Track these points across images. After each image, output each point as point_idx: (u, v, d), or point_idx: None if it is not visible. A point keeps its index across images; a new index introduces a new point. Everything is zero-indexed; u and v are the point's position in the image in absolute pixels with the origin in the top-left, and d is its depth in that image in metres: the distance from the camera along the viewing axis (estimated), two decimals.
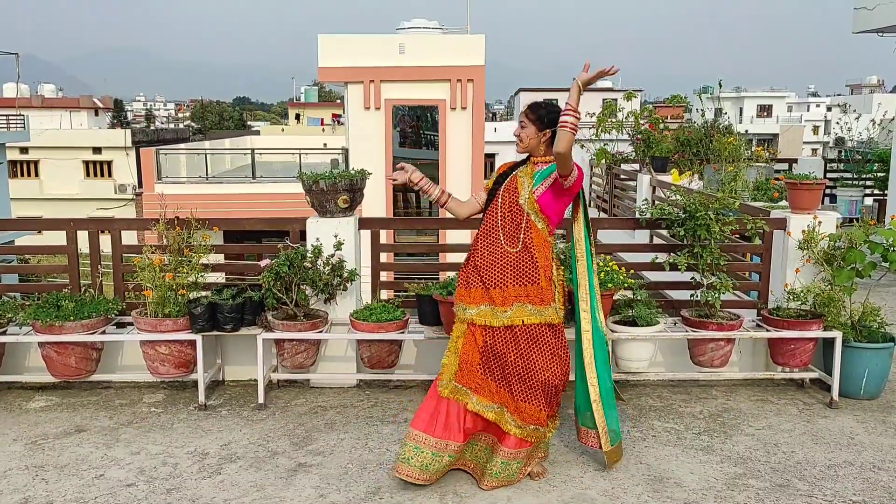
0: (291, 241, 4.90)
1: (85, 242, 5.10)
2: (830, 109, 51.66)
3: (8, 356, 4.86)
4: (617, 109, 11.14)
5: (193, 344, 4.55)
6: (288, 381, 4.99)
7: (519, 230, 3.54)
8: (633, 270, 4.91)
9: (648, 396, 4.77)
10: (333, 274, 4.74)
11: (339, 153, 19.61)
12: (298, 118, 54.31)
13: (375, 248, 5.15)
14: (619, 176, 12.42)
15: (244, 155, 22.75)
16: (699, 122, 10.30)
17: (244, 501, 3.46)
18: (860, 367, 4.65)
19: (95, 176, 35.08)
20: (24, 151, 32.46)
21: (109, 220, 5.38)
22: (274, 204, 16.75)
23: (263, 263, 4.66)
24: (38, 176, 34.40)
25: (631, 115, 11.03)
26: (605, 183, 13.10)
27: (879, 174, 12.96)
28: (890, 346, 4.72)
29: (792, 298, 4.85)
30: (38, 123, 32.79)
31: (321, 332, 4.65)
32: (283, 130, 42.70)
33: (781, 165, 13.10)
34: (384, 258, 5.37)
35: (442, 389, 3.50)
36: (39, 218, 6.13)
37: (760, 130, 45.29)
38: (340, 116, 39.97)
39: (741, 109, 57.76)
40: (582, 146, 12.42)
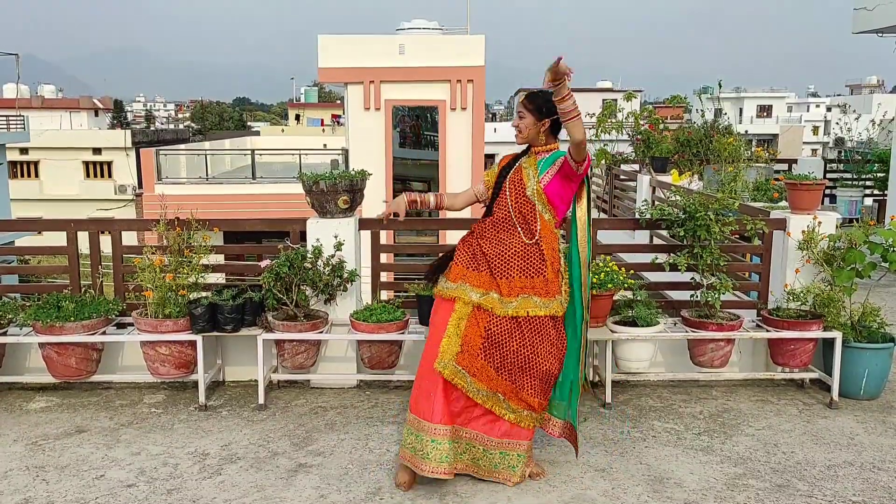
0: (291, 241, 4.90)
1: (85, 243, 5.10)
2: (830, 110, 51.64)
3: (8, 357, 4.87)
4: (617, 110, 11.11)
5: (194, 344, 4.55)
6: (288, 381, 4.99)
7: (527, 222, 3.55)
8: (632, 271, 4.92)
9: (648, 397, 4.77)
10: (333, 274, 4.74)
11: (339, 154, 19.62)
12: (298, 119, 54.31)
13: (375, 248, 5.15)
14: (618, 176, 12.41)
15: (244, 155, 22.76)
16: (699, 122, 10.28)
17: (245, 502, 3.47)
18: (860, 367, 4.66)
19: (95, 176, 35.09)
20: (24, 152, 32.48)
21: (110, 220, 5.38)
22: (274, 204, 16.77)
23: (263, 264, 4.67)
24: (38, 177, 34.41)
25: (631, 115, 11.01)
26: (604, 183, 13.10)
27: (879, 174, 12.96)
28: (890, 346, 4.72)
29: (792, 299, 4.86)
30: (38, 124, 32.78)
31: (321, 332, 4.66)
32: (283, 131, 42.70)
33: (781, 166, 13.09)
34: (384, 259, 5.38)
35: (442, 369, 3.44)
36: (39, 219, 6.13)
37: (760, 131, 45.26)
38: (340, 117, 39.96)
39: (741, 110, 57.77)
40: None
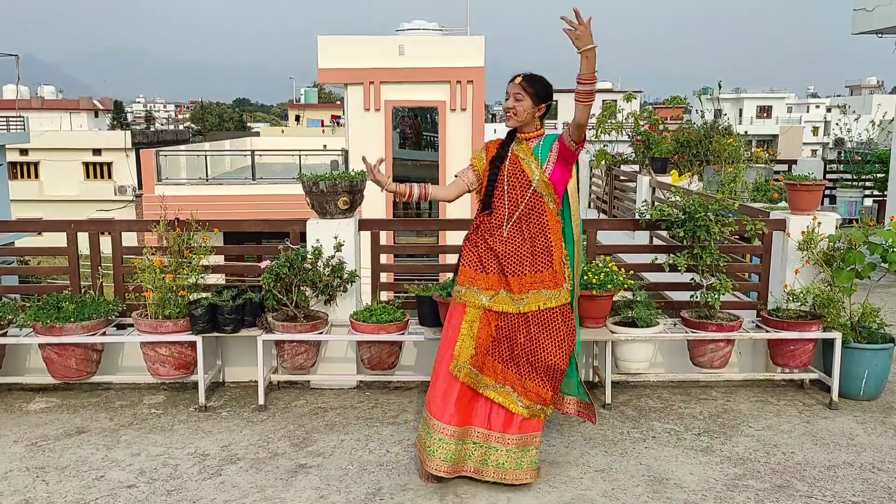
0: (291, 242, 4.90)
1: (85, 244, 5.10)
2: (830, 110, 51.65)
3: (8, 358, 4.87)
4: (616, 111, 11.13)
5: (194, 345, 4.56)
6: (288, 382, 4.99)
7: (538, 215, 3.54)
8: (632, 271, 4.92)
9: (648, 397, 4.78)
10: (333, 275, 4.74)
11: (338, 154, 19.62)
12: (298, 119, 54.28)
13: (375, 249, 5.16)
14: (618, 177, 12.42)
15: (244, 156, 22.76)
16: (699, 123, 10.29)
17: (245, 502, 3.47)
18: (860, 367, 4.66)
19: (95, 177, 35.09)
20: (24, 153, 32.49)
21: (110, 221, 5.38)
22: (274, 205, 16.76)
23: (263, 265, 4.67)
24: (38, 177, 34.40)
25: (630, 116, 11.02)
26: (604, 184, 13.10)
27: (879, 175, 12.95)
28: (889, 346, 4.72)
29: (791, 299, 4.86)
30: (37, 125, 32.75)
31: (321, 333, 4.66)
32: (282, 132, 42.66)
33: (781, 166, 13.08)
34: (384, 259, 5.38)
35: (457, 373, 3.47)
36: (39, 219, 6.12)
37: (760, 131, 45.28)
38: (340, 118, 39.95)
39: (741, 110, 57.77)
40: None
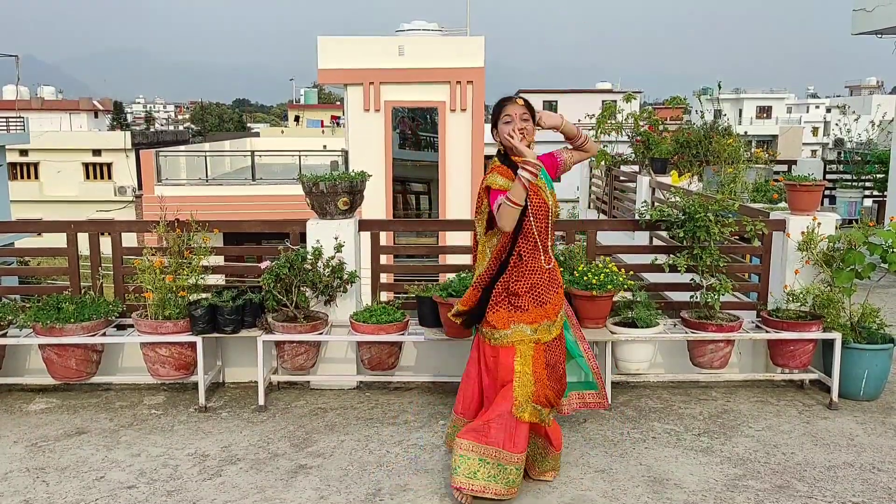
0: (291, 242, 4.90)
1: (85, 244, 5.10)
2: (830, 111, 51.64)
3: (8, 358, 4.87)
4: (616, 111, 11.13)
5: (194, 346, 4.56)
6: (288, 382, 5.00)
7: (552, 239, 3.63)
8: (632, 272, 4.92)
9: (648, 398, 4.78)
10: (333, 276, 4.74)
11: (338, 155, 19.62)
12: (298, 120, 54.28)
13: (375, 249, 5.16)
14: (618, 178, 12.41)
15: (244, 157, 22.75)
16: (698, 123, 10.30)
17: (245, 503, 3.47)
18: (860, 368, 4.66)
19: (95, 178, 35.08)
20: (23, 153, 32.48)
21: (109, 222, 5.39)
22: (274, 206, 16.76)
23: (263, 265, 4.67)
24: (37, 178, 34.40)
25: (630, 116, 11.03)
26: (604, 185, 13.10)
27: (879, 175, 12.95)
28: (889, 347, 4.72)
29: (791, 300, 4.86)
30: (37, 125, 32.75)
31: (321, 333, 4.66)
32: (282, 132, 42.64)
33: (781, 167, 13.08)
34: (384, 260, 5.38)
35: (521, 415, 3.37)
36: (39, 220, 6.12)
37: (760, 132, 45.26)
38: (340, 118, 39.94)
39: (740, 111, 57.77)
40: None
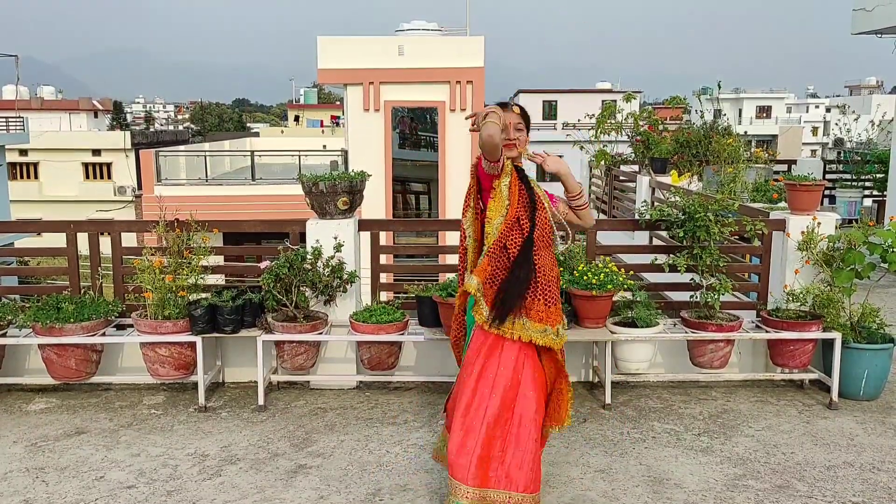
0: (291, 242, 4.90)
1: (85, 244, 5.10)
2: (829, 110, 51.61)
3: (8, 358, 4.87)
4: (616, 111, 11.13)
5: (193, 346, 4.56)
6: (288, 382, 4.99)
7: (552, 243, 3.30)
8: (632, 272, 4.92)
9: (648, 398, 4.78)
10: (333, 275, 4.74)
11: (338, 155, 19.62)
12: (298, 120, 54.30)
13: (375, 249, 5.15)
14: (618, 177, 12.41)
15: (244, 157, 22.74)
16: (698, 123, 10.30)
17: (244, 503, 3.47)
18: (859, 368, 4.66)
19: (95, 178, 35.06)
20: (23, 153, 32.46)
21: (109, 221, 5.38)
22: (273, 205, 16.75)
23: (263, 265, 4.67)
24: (37, 178, 34.38)
25: (630, 116, 11.03)
26: (604, 184, 13.10)
27: (878, 175, 12.95)
28: (889, 346, 4.72)
29: (791, 299, 4.86)
30: (37, 125, 32.74)
31: (321, 333, 4.66)
32: (282, 132, 42.64)
33: (780, 166, 13.07)
34: (384, 260, 5.38)
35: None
36: (39, 220, 6.12)
37: (759, 131, 45.25)
38: (339, 118, 39.95)
39: (740, 110, 57.76)
40: (581, 147, 12.42)
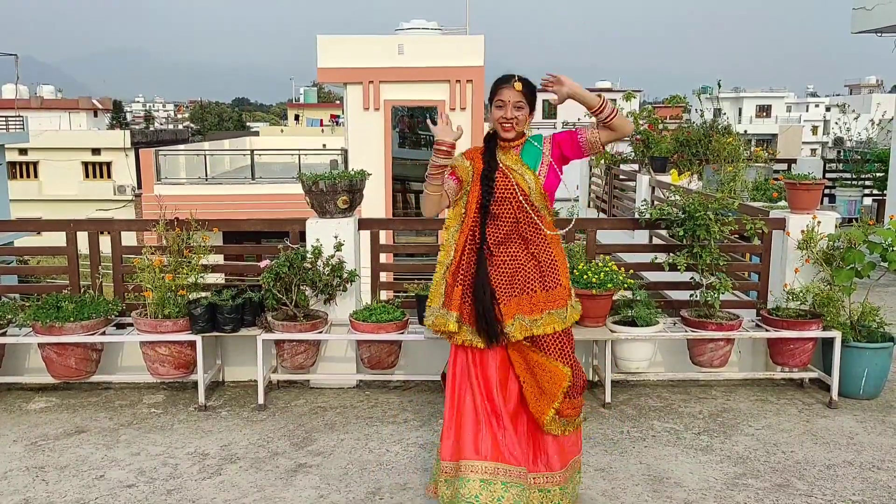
0: (291, 241, 4.90)
1: (84, 243, 5.10)
2: (829, 109, 51.60)
3: (8, 357, 4.86)
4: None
5: (193, 345, 4.55)
6: (288, 381, 4.99)
7: (538, 230, 3.17)
8: (632, 271, 4.91)
9: (648, 396, 4.78)
10: (333, 274, 4.74)
11: (338, 154, 19.62)
12: (297, 119, 54.32)
13: (375, 248, 5.15)
14: (618, 176, 12.40)
15: (243, 156, 22.74)
16: (698, 122, 10.30)
17: (244, 502, 3.47)
18: (859, 366, 4.66)
19: (95, 177, 35.07)
20: (23, 153, 32.45)
21: (109, 221, 5.39)
22: (273, 205, 16.75)
23: (263, 264, 4.67)
24: (37, 177, 34.38)
25: (630, 115, 11.03)
26: (604, 183, 13.09)
27: (878, 174, 12.96)
28: (889, 345, 4.72)
29: (791, 298, 4.86)
30: (36, 125, 32.73)
31: (321, 332, 4.66)
32: (282, 131, 42.67)
33: (780, 165, 13.07)
34: (384, 259, 5.38)
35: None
36: (39, 219, 6.13)
37: (759, 130, 45.28)
38: (339, 117, 39.96)
39: (740, 110, 57.77)
40: None
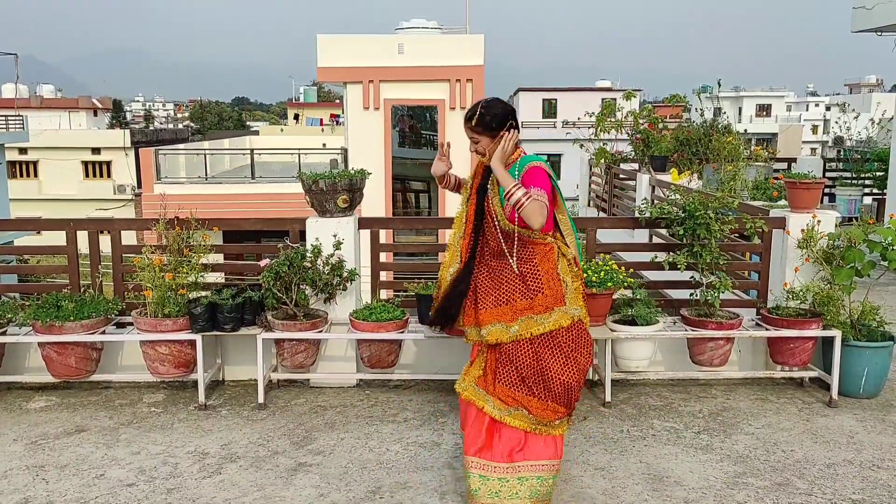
0: (291, 240, 4.90)
1: (84, 243, 5.10)
2: (829, 109, 51.60)
3: (8, 356, 4.86)
4: (616, 109, 11.14)
5: (193, 344, 4.55)
6: (288, 380, 4.99)
7: (513, 247, 3.40)
8: (632, 270, 4.91)
9: (648, 395, 4.78)
10: (333, 274, 4.74)
11: (338, 153, 19.62)
12: (297, 118, 54.30)
13: (375, 247, 5.15)
14: (618, 175, 12.41)
15: (243, 155, 22.74)
16: (698, 121, 10.31)
17: (244, 501, 3.47)
18: (859, 365, 4.66)
19: (95, 176, 35.03)
20: (23, 152, 32.41)
21: (109, 220, 5.39)
22: (273, 204, 16.75)
23: (263, 263, 4.67)
24: (37, 176, 34.35)
25: (630, 114, 11.04)
26: (604, 182, 13.09)
27: (878, 173, 12.97)
28: (889, 344, 4.72)
29: (791, 297, 4.86)
30: (36, 124, 32.71)
31: (321, 331, 4.66)
32: (282, 131, 42.68)
33: (780, 165, 13.07)
34: (384, 258, 5.38)
35: (462, 390, 3.37)
36: (39, 218, 6.13)
37: (759, 130, 45.25)
38: (339, 117, 39.96)
39: (740, 109, 57.74)
40: (581, 146, 12.43)
